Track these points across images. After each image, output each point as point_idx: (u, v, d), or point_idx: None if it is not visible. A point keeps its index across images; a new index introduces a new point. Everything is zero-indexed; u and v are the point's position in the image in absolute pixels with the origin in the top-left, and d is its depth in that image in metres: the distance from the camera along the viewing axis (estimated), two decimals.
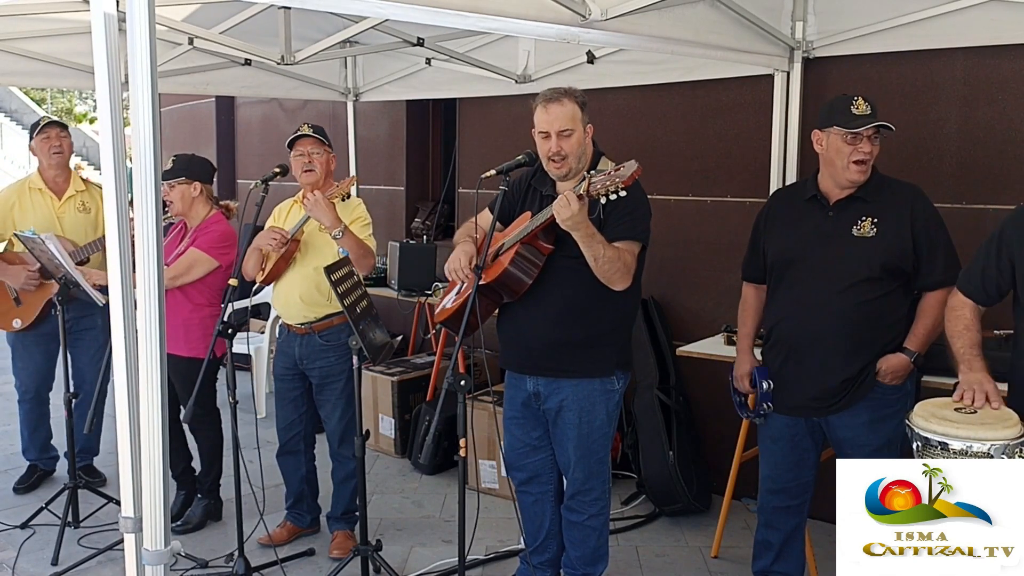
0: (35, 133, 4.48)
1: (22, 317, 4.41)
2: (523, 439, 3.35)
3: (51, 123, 4.51)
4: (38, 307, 4.39)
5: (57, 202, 4.48)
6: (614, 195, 2.78)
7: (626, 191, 2.78)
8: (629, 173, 2.76)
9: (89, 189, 4.59)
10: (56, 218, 4.43)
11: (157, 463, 2.04)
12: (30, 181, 4.53)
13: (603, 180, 2.79)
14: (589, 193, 2.82)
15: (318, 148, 3.78)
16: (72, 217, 4.46)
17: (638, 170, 2.76)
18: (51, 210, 4.45)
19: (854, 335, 2.97)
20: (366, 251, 3.62)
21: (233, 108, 8.34)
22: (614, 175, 2.78)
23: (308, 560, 3.92)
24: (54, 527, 3.97)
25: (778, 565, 3.29)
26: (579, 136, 3.06)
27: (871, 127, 2.87)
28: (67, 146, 4.53)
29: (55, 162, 4.47)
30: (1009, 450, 2.13)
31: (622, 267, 2.98)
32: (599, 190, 2.79)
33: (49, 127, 4.48)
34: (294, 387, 3.90)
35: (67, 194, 4.50)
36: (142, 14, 1.90)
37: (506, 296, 3.13)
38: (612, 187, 2.77)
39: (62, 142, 4.49)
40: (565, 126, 3.04)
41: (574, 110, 3.05)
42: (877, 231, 2.94)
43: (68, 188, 4.51)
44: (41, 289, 4.36)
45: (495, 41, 4.97)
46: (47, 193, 4.47)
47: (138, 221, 1.97)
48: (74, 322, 4.38)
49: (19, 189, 4.52)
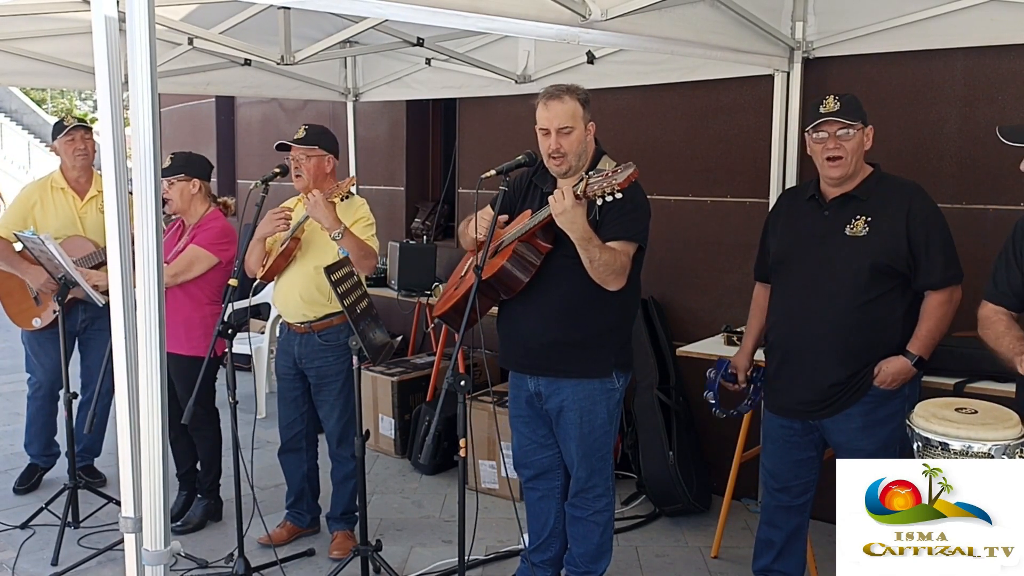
0: (60, 134, 4.47)
1: (42, 316, 4.43)
2: (530, 436, 3.36)
3: (77, 126, 4.50)
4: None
5: (79, 202, 4.49)
6: (610, 197, 2.78)
7: (622, 193, 2.78)
8: (625, 176, 2.76)
9: None
10: (78, 218, 4.45)
11: (157, 463, 2.04)
12: (52, 180, 4.53)
13: (599, 182, 2.80)
14: (586, 194, 2.82)
15: (306, 154, 3.76)
16: (93, 217, 4.47)
17: (634, 173, 2.77)
18: (73, 210, 4.46)
19: (845, 339, 2.95)
20: (367, 252, 3.62)
21: (233, 108, 8.34)
22: (611, 177, 2.78)
23: (308, 560, 3.91)
24: (54, 527, 3.97)
25: (778, 564, 3.29)
26: (579, 134, 3.07)
27: (834, 124, 2.88)
28: (91, 148, 4.54)
29: (79, 163, 4.48)
30: (1009, 450, 2.13)
31: (617, 268, 2.98)
32: (595, 191, 2.80)
33: (75, 130, 4.47)
34: (295, 386, 3.90)
35: (89, 194, 4.51)
36: (142, 14, 1.90)
37: (503, 293, 3.13)
38: (608, 189, 2.77)
39: (87, 144, 4.50)
40: (564, 123, 3.04)
41: (575, 108, 3.05)
42: (870, 230, 2.92)
43: (90, 188, 4.53)
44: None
45: (495, 41, 4.97)
46: (69, 192, 4.48)
47: (138, 220, 1.98)
48: (89, 322, 4.43)
49: (41, 188, 4.51)
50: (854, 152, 2.93)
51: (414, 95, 5.93)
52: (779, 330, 3.15)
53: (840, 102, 2.90)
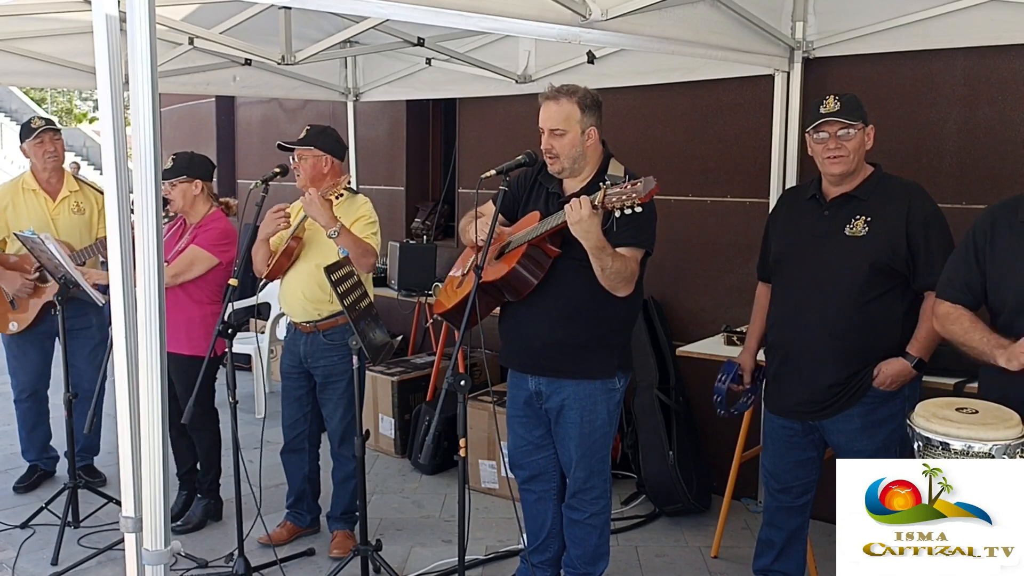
0: (28, 137, 4.45)
1: (18, 320, 4.41)
2: (526, 437, 3.35)
3: (45, 128, 4.48)
4: (35, 311, 4.40)
5: (51, 203, 4.47)
6: (629, 211, 2.74)
7: (642, 207, 2.74)
8: (647, 191, 2.70)
9: (83, 190, 4.58)
10: (50, 219, 4.42)
11: (157, 463, 2.04)
12: (23, 182, 4.50)
13: (619, 194, 2.74)
14: (604, 205, 2.78)
15: (301, 154, 3.76)
16: (66, 218, 4.46)
17: (656, 188, 2.70)
18: (45, 211, 4.44)
19: (844, 339, 2.94)
20: (365, 250, 3.61)
21: (233, 108, 8.34)
22: (631, 190, 2.73)
23: (308, 560, 3.91)
24: (54, 527, 3.97)
25: (778, 564, 3.29)
26: (572, 137, 3.04)
27: (834, 124, 2.88)
28: (60, 149, 4.52)
29: (50, 165, 4.47)
30: (1010, 450, 2.13)
31: (628, 276, 2.98)
32: (614, 203, 2.75)
33: (44, 132, 4.45)
34: (299, 385, 3.90)
35: (61, 195, 4.49)
36: (143, 14, 1.90)
37: (509, 296, 3.12)
38: (628, 202, 2.73)
39: (56, 146, 4.48)
40: (556, 126, 3.03)
41: (571, 110, 3.03)
42: (869, 230, 2.92)
43: (62, 189, 4.50)
44: (36, 293, 4.37)
45: (495, 41, 4.97)
46: (41, 194, 4.47)
47: (139, 220, 1.97)
48: (68, 322, 4.37)
49: (12, 190, 4.49)
50: (855, 151, 2.92)
51: (414, 95, 5.93)
52: (779, 330, 3.15)
53: (840, 102, 2.90)
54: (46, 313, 4.39)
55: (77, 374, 4.41)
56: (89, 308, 4.30)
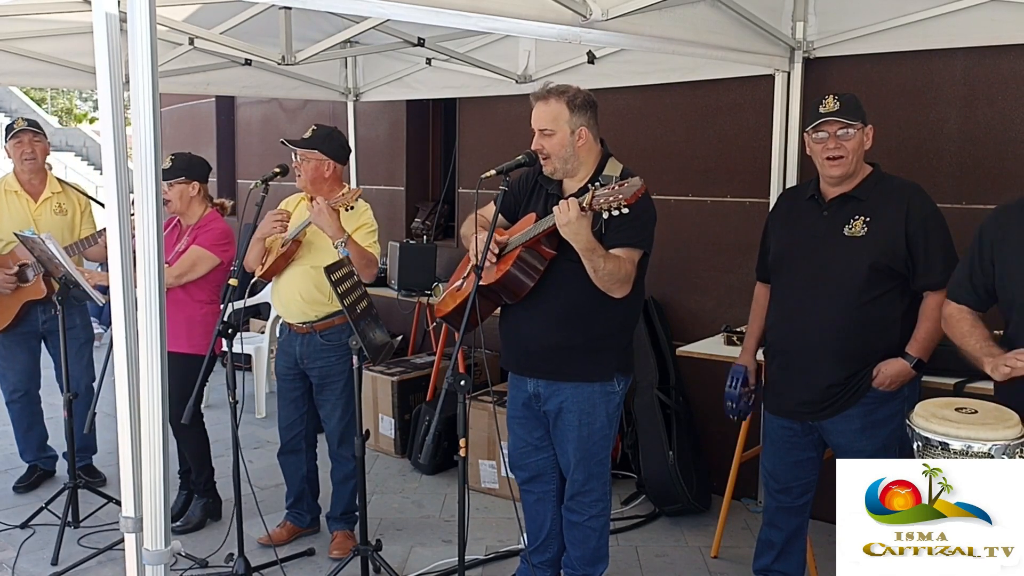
0: (8, 137, 4.44)
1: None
2: (525, 439, 3.35)
3: (25, 129, 4.47)
4: (15, 310, 4.38)
5: (33, 204, 4.47)
6: (616, 212, 2.75)
7: (629, 209, 2.74)
8: (632, 192, 2.71)
9: (65, 191, 4.58)
10: (33, 220, 4.41)
11: (157, 463, 2.04)
12: (5, 183, 4.50)
13: (606, 195, 2.75)
14: (591, 206, 2.78)
15: (304, 156, 3.75)
16: (48, 219, 4.45)
17: (642, 188, 2.72)
18: (27, 212, 4.44)
19: (843, 340, 2.94)
20: (369, 260, 3.62)
21: (233, 108, 8.34)
22: (617, 191, 2.74)
23: (308, 560, 3.91)
24: (54, 527, 3.97)
25: (778, 564, 3.29)
26: (561, 137, 3.03)
27: (834, 124, 2.88)
28: (40, 150, 4.50)
29: (28, 167, 4.46)
30: (1009, 450, 2.13)
31: (622, 277, 2.96)
32: (602, 204, 2.75)
33: (23, 133, 4.44)
34: (295, 386, 3.90)
35: (43, 196, 4.49)
36: (143, 14, 1.90)
37: (507, 298, 3.12)
38: (615, 203, 2.73)
39: (35, 147, 4.46)
40: (545, 126, 3.03)
41: (559, 111, 3.02)
42: (868, 230, 2.91)
43: (44, 190, 4.50)
44: (17, 292, 4.35)
45: (495, 41, 4.97)
46: (23, 195, 4.46)
47: (139, 220, 1.98)
48: (52, 322, 4.36)
49: None
50: (854, 152, 2.92)
51: (414, 95, 5.93)
52: (778, 331, 3.15)
53: (840, 102, 2.90)
54: (27, 312, 4.38)
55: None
56: (73, 308, 4.31)
